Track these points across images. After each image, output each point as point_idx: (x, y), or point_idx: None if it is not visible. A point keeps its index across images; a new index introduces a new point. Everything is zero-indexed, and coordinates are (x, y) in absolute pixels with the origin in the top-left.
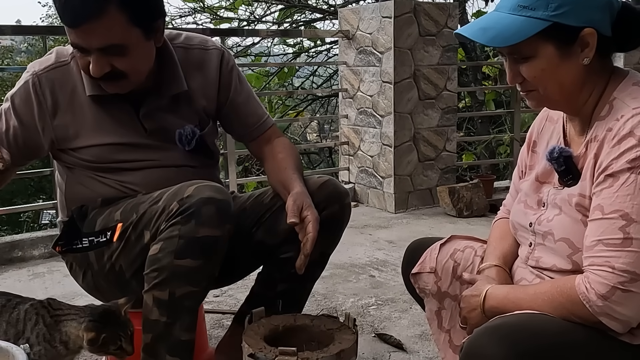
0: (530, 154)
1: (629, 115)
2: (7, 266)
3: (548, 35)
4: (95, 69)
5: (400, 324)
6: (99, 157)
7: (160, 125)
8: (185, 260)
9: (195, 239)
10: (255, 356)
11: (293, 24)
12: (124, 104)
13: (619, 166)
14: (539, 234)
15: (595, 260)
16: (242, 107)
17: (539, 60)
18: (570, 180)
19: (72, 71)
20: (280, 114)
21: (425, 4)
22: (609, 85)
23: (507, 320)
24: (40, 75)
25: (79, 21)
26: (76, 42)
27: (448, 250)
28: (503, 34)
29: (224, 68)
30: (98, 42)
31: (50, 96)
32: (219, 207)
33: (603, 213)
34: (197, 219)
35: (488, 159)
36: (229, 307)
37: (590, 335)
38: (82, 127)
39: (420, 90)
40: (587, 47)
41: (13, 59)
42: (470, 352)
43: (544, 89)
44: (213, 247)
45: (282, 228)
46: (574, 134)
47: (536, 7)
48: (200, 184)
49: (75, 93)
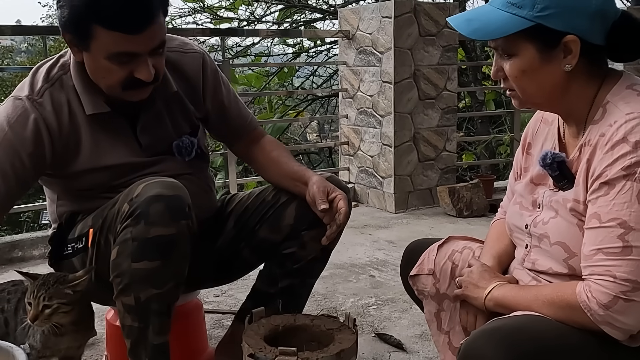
0: (525, 156)
1: (621, 121)
2: (7, 266)
3: (531, 35)
4: (149, 71)
5: (400, 324)
6: (93, 185)
7: (155, 138)
8: (142, 262)
9: (148, 240)
10: (255, 356)
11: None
12: (120, 119)
13: (614, 173)
14: (535, 236)
15: (596, 270)
16: (229, 110)
17: (520, 60)
18: (565, 185)
19: (63, 88)
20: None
21: (425, 4)
22: (602, 89)
23: (505, 322)
24: (37, 100)
25: (143, 26)
26: (131, 50)
27: (446, 252)
28: (486, 27)
29: (207, 72)
30: (156, 42)
31: (54, 117)
32: (169, 204)
33: (600, 221)
34: (145, 219)
35: (488, 159)
36: (229, 307)
37: (588, 338)
38: (78, 149)
39: (420, 90)
40: (569, 54)
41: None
42: (468, 354)
43: (522, 90)
44: (169, 246)
45: (286, 224)
46: (569, 137)
47: (523, 6)
48: (149, 181)
49: (72, 113)
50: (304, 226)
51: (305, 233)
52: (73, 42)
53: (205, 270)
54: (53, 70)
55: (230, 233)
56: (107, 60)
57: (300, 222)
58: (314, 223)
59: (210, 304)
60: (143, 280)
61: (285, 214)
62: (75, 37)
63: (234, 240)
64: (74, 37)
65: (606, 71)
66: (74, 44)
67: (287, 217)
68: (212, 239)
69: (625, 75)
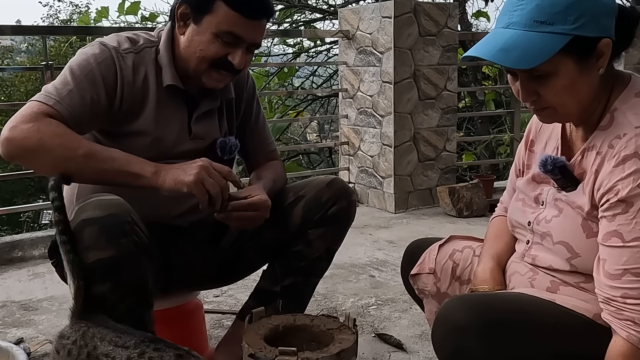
0: (528, 153)
1: (631, 134)
2: (7, 266)
3: (567, 50)
4: (243, 59)
5: (400, 324)
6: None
7: (205, 130)
8: (92, 287)
9: (89, 265)
10: (255, 356)
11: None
12: (182, 103)
13: (630, 191)
14: (538, 233)
15: (630, 293)
16: (255, 126)
17: (559, 78)
18: (569, 187)
19: (145, 59)
20: (280, 114)
21: (425, 4)
22: (613, 92)
23: (481, 294)
24: (123, 54)
25: (260, 16)
26: (239, 33)
27: (447, 251)
28: (527, 53)
29: (249, 85)
30: (260, 36)
31: (132, 75)
32: (102, 227)
33: (624, 241)
34: (81, 244)
35: (488, 159)
36: (229, 307)
37: (561, 317)
38: (141, 112)
39: (420, 90)
40: (602, 57)
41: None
42: (440, 318)
43: (563, 106)
44: (113, 267)
45: (294, 223)
46: (577, 138)
47: (554, 22)
48: (84, 203)
49: (146, 80)
50: (310, 225)
51: (311, 231)
52: (185, 14)
53: (207, 272)
54: (139, 42)
55: (233, 234)
56: (213, 35)
57: (307, 221)
58: (321, 221)
59: (210, 304)
60: (101, 302)
61: (293, 213)
62: (192, 9)
63: (238, 241)
64: (191, 8)
65: (616, 73)
66: (185, 17)
67: (295, 217)
68: (216, 241)
69: (633, 80)
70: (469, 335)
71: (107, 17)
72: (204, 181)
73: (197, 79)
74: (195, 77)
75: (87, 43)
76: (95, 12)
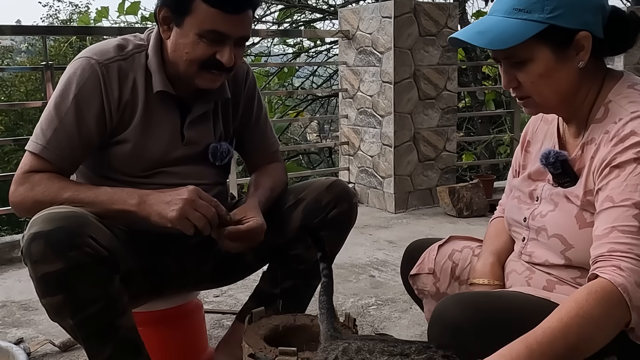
0: (524, 154)
1: (627, 119)
2: (7, 266)
3: (544, 38)
4: (231, 56)
5: (400, 324)
6: (118, 159)
7: (198, 135)
8: (46, 299)
9: (40, 278)
10: (255, 356)
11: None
12: (174, 109)
13: (625, 157)
14: (533, 229)
15: (617, 247)
16: (256, 125)
17: (536, 64)
18: (567, 182)
19: (133, 65)
20: (280, 114)
21: (425, 4)
22: (604, 87)
23: (477, 292)
24: (107, 65)
25: (241, 9)
26: (223, 29)
27: (446, 251)
28: (501, 36)
29: (248, 83)
30: (245, 30)
31: (117, 88)
32: (48, 240)
33: (614, 202)
34: (30, 259)
35: (488, 159)
36: (229, 307)
37: None
38: (131, 120)
39: (420, 90)
40: (582, 50)
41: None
42: (435, 316)
43: (540, 94)
44: (63, 279)
45: (293, 226)
46: (569, 136)
47: (532, 10)
48: (37, 215)
49: (135, 88)
50: (310, 228)
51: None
52: (166, 18)
53: (204, 275)
54: (128, 47)
55: None
56: (197, 36)
57: (307, 224)
58: (320, 225)
59: (210, 304)
60: (56, 313)
61: (293, 216)
62: (172, 12)
63: None
64: (171, 12)
65: (606, 69)
66: (167, 20)
67: (295, 220)
68: (211, 245)
69: (625, 75)
70: (464, 334)
71: (107, 17)
72: (189, 215)
73: (190, 82)
74: (188, 79)
75: (87, 43)
76: (95, 12)
